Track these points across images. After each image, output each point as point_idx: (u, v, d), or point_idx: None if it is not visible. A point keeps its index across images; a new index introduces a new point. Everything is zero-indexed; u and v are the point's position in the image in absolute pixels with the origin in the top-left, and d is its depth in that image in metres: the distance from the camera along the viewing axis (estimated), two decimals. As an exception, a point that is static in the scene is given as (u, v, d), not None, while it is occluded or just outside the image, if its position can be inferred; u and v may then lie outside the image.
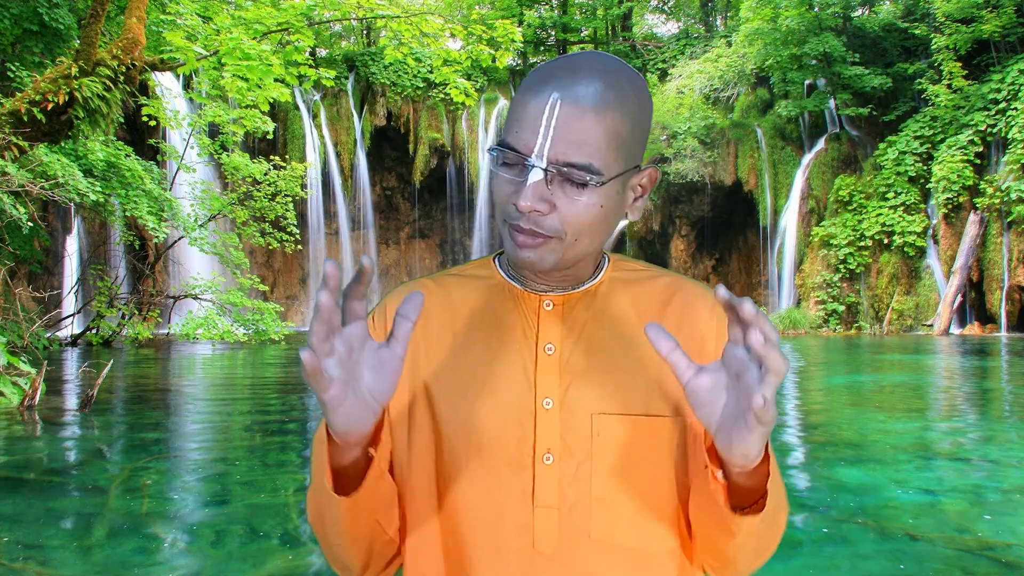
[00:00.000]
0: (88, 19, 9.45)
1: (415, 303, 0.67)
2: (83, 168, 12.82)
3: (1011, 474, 5.28)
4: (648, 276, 0.92)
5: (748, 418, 0.64)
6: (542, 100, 0.77)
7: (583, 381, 0.84)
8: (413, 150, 29.21)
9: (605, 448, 0.82)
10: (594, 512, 0.82)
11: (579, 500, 0.82)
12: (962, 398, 9.66)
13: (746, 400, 0.64)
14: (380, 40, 22.76)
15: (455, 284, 0.92)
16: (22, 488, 4.89)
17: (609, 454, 0.82)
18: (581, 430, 0.83)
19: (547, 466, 0.82)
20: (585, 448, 0.82)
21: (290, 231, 16.79)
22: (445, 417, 0.85)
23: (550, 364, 0.84)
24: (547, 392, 0.84)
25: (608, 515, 0.82)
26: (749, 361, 0.64)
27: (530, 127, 0.77)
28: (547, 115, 0.76)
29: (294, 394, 9.85)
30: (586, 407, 0.83)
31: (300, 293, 29.03)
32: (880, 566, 3.48)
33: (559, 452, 0.82)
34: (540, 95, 0.77)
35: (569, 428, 0.83)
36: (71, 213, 21.10)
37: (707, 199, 27.70)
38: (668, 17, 38.11)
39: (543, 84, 0.78)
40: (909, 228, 23.53)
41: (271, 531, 3.95)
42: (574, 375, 0.84)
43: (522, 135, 0.77)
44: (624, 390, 0.84)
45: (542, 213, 0.78)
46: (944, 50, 24.01)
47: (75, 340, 17.27)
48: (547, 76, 0.79)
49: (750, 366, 0.64)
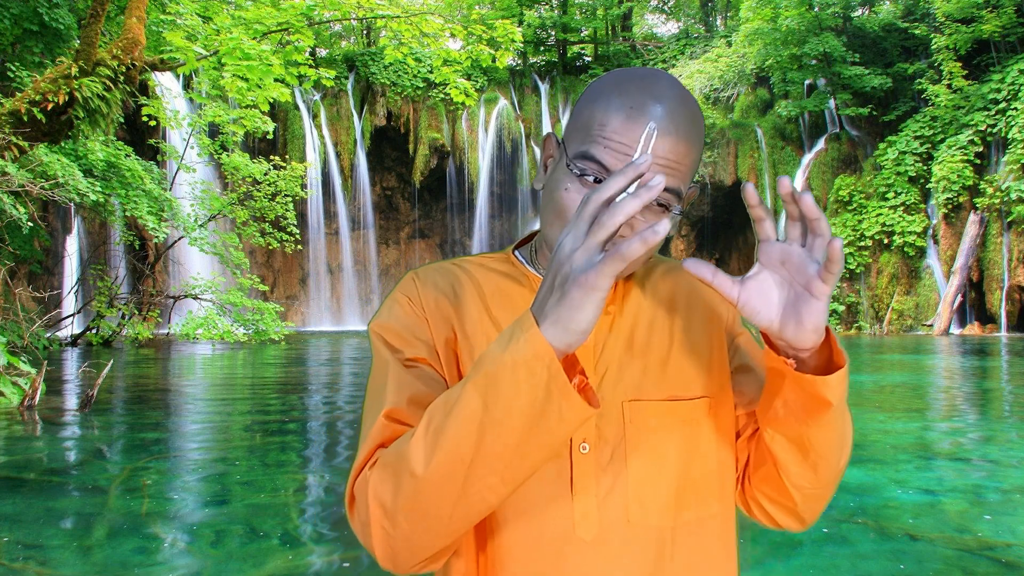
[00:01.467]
0: (88, 19, 9.45)
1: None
2: (83, 168, 12.83)
3: (1011, 474, 5.28)
4: (653, 263, 0.96)
5: (814, 286, 0.68)
6: (636, 125, 0.78)
7: (615, 369, 0.86)
8: (413, 150, 29.21)
9: (637, 434, 0.84)
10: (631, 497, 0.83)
11: (616, 486, 0.83)
12: (962, 398, 9.66)
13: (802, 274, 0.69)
14: (380, 40, 22.75)
15: (480, 272, 0.92)
16: (22, 488, 4.89)
17: (641, 440, 0.84)
18: (614, 418, 0.84)
19: (583, 455, 0.83)
20: (618, 435, 0.84)
21: (290, 231, 16.80)
22: None
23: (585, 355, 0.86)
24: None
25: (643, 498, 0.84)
26: (789, 245, 0.70)
27: (623, 150, 0.78)
28: (643, 144, 0.77)
29: (294, 394, 9.85)
30: (617, 395, 0.85)
31: (300, 293, 29.02)
32: (880, 566, 3.48)
33: (594, 441, 0.84)
34: (635, 117, 0.78)
35: (603, 417, 0.84)
36: (71, 213, 21.11)
37: (707, 199, 27.71)
38: (668, 17, 38.13)
39: (635, 109, 0.78)
40: (909, 228, 23.54)
41: (271, 531, 3.95)
42: (608, 364, 0.86)
43: (617, 156, 0.78)
44: (652, 377, 0.87)
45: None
46: (944, 50, 24.02)
47: (75, 340, 17.27)
48: (636, 98, 0.79)
49: (792, 248, 0.70)
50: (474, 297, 0.89)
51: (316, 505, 4.63)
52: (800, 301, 0.69)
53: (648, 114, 0.78)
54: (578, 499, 0.82)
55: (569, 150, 0.82)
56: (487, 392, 0.66)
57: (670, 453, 0.85)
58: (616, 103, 0.79)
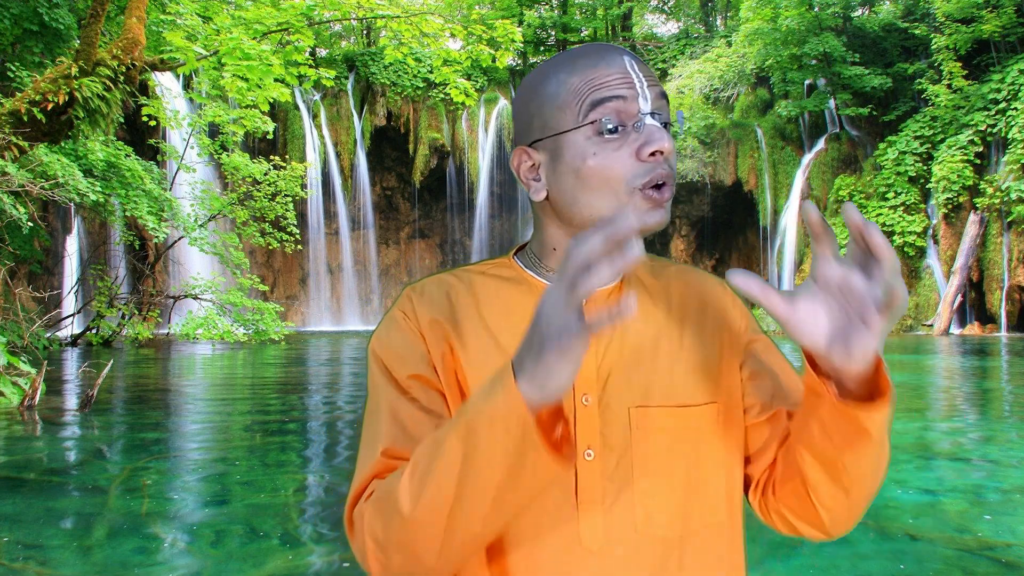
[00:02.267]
0: (88, 19, 9.45)
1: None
2: (83, 168, 12.83)
3: (1011, 474, 5.28)
4: (660, 265, 0.94)
5: (871, 320, 0.65)
6: (617, 63, 0.82)
7: (619, 375, 0.85)
8: (413, 150, 29.21)
9: (644, 441, 0.83)
10: (638, 505, 0.82)
11: (622, 494, 0.82)
12: (962, 398, 9.66)
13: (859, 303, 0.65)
14: (380, 40, 22.75)
15: (479, 281, 0.91)
16: (22, 488, 4.89)
17: (649, 447, 0.83)
18: (619, 424, 0.83)
19: (588, 463, 0.82)
20: (624, 442, 0.83)
21: (290, 231, 16.79)
22: None
23: (588, 361, 0.85)
24: (585, 389, 0.84)
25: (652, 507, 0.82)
26: (851, 271, 0.66)
27: (625, 85, 0.81)
28: (633, 72, 0.81)
29: (294, 394, 9.85)
30: (623, 401, 0.84)
31: (300, 293, 29.02)
32: (880, 566, 3.48)
33: (599, 448, 0.82)
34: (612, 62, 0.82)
35: (608, 423, 0.83)
36: (71, 213, 21.11)
37: (707, 199, 27.71)
38: (668, 17, 38.12)
39: (603, 55, 0.82)
40: (909, 228, 23.54)
41: (271, 531, 3.95)
42: (611, 370, 0.85)
43: (623, 95, 0.81)
44: (658, 382, 0.85)
45: (671, 154, 0.82)
46: (944, 50, 24.02)
47: (75, 340, 17.27)
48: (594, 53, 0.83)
49: (854, 275, 0.66)
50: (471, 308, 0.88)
51: (316, 505, 4.63)
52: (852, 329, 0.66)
53: (616, 54, 0.82)
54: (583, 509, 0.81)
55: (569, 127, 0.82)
56: (467, 443, 0.69)
57: (678, 460, 0.84)
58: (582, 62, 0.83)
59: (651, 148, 0.79)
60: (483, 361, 0.84)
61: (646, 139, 0.80)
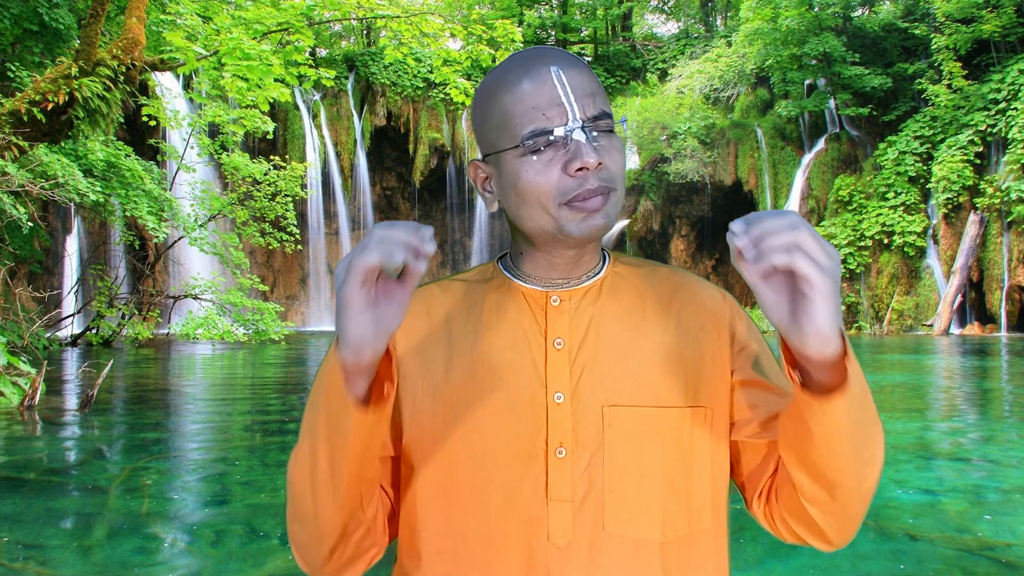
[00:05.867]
0: (88, 19, 9.45)
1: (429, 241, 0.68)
2: (83, 168, 12.82)
3: (1011, 474, 5.28)
4: (650, 269, 0.94)
5: (803, 286, 0.63)
6: (543, 78, 0.82)
7: (593, 374, 0.85)
8: (413, 150, 29.22)
9: (617, 440, 0.83)
10: (608, 504, 0.82)
11: (592, 493, 0.82)
12: (962, 398, 9.66)
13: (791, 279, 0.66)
14: (380, 40, 22.74)
15: (460, 288, 0.93)
16: (22, 488, 4.89)
17: (621, 446, 0.83)
18: (592, 423, 0.83)
19: (560, 460, 0.83)
20: (597, 440, 0.83)
21: (290, 231, 16.78)
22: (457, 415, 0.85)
23: (560, 359, 0.85)
24: (558, 386, 0.85)
25: (622, 507, 0.82)
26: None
27: (549, 103, 0.81)
28: (559, 84, 0.82)
29: (294, 394, 9.85)
30: (597, 400, 0.84)
31: (300, 293, 29.02)
32: (880, 566, 3.48)
33: (571, 446, 0.83)
34: (537, 77, 0.82)
35: (580, 421, 0.83)
36: (71, 213, 21.11)
37: (707, 199, 27.71)
38: (668, 17, 38.13)
39: (530, 71, 0.83)
40: (909, 228, 23.54)
41: (271, 531, 3.95)
42: (584, 368, 0.85)
43: (547, 114, 0.81)
44: (634, 382, 0.85)
45: (604, 166, 0.82)
46: (944, 50, 24.02)
47: (75, 340, 17.27)
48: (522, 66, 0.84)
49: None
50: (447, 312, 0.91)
51: (316, 505, 4.62)
52: (798, 299, 0.65)
53: (542, 65, 0.83)
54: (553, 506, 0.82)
55: (506, 146, 0.84)
56: (311, 403, 0.77)
57: (654, 462, 0.83)
58: (511, 80, 0.84)
59: (576, 165, 0.81)
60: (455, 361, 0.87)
61: (572, 155, 0.81)
